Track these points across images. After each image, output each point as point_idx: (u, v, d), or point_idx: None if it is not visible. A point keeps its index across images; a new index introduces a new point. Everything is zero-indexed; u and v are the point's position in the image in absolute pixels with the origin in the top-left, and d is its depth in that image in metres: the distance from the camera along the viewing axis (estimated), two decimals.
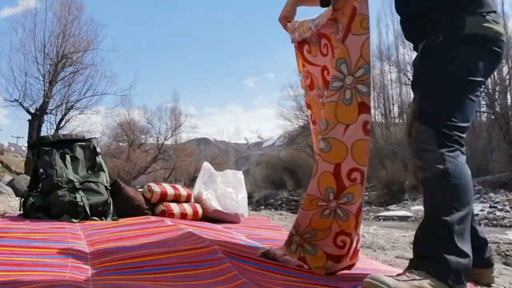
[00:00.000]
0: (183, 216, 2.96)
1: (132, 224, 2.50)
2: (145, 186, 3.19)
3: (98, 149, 3.18)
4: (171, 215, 2.93)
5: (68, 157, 3.00)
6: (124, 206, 2.94)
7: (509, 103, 21.01)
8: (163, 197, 3.07)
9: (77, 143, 3.12)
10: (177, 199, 3.12)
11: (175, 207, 3.00)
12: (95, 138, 3.34)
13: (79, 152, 3.09)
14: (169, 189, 3.13)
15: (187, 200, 3.19)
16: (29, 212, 2.77)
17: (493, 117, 20.79)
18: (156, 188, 3.07)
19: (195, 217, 3.02)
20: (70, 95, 16.92)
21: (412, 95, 1.50)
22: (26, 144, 17.14)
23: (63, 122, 16.75)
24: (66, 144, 3.07)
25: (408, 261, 1.31)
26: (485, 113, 22.49)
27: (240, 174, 3.47)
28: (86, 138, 3.24)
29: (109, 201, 2.90)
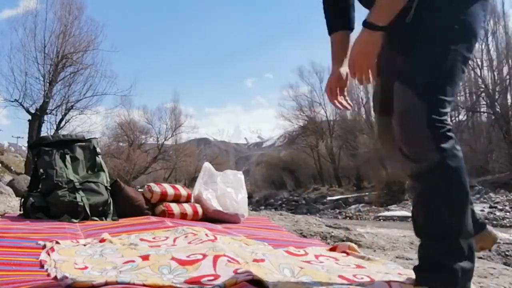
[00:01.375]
0: (183, 216, 2.96)
1: (132, 224, 2.50)
2: (145, 186, 3.19)
3: (98, 149, 3.18)
4: (171, 215, 2.92)
5: (68, 157, 3.00)
6: (124, 206, 2.94)
7: (509, 103, 21.03)
8: (163, 197, 3.07)
9: (77, 143, 3.13)
10: (177, 199, 3.12)
11: (175, 207, 2.99)
12: (95, 138, 3.34)
13: (79, 152, 3.09)
14: (169, 189, 3.13)
15: (187, 200, 3.19)
16: (29, 212, 2.77)
17: (493, 117, 20.82)
18: (156, 188, 3.07)
19: (195, 217, 3.01)
20: (70, 95, 16.96)
21: None
22: (26, 144, 17.15)
23: (63, 122, 16.80)
24: (66, 144, 3.08)
25: (408, 261, 1.30)
26: (485, 113, 22.51)
27: (240, 174, 3.46)
28: (86, 138, 3.24)
29: (109, 201, 2.90)
